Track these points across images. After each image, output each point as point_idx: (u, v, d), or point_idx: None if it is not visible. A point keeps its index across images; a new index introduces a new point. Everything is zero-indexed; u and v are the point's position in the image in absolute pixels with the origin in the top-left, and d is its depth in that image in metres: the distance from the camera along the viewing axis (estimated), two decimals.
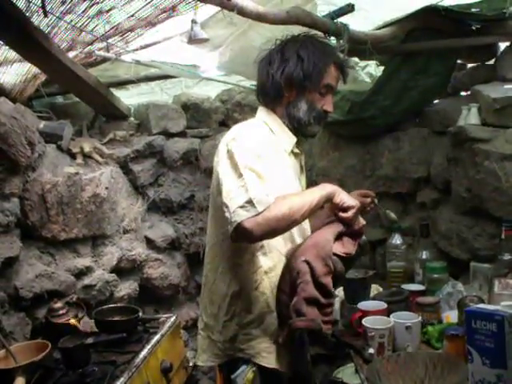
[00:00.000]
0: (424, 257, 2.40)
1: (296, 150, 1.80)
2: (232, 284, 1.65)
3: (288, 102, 1.73)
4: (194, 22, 1.97)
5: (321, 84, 1.70)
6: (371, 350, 1.72)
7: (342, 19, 2.28)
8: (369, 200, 1.98)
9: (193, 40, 1.95)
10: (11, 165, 2.13)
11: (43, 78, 2.61)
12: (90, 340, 1.99)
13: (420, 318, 1.83)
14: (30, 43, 2.16)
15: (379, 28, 2.54)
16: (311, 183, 3.14)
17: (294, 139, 1.77)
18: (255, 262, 1.63)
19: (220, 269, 1.69)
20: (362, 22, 2.46)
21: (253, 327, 1.63)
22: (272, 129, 1.74)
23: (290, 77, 1.68)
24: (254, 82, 2.07)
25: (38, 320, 2.22)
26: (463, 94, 2.78)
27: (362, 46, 2.39)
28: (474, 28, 2.55)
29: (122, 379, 1.79)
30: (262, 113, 1.79)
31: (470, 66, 2.82)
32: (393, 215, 2.17)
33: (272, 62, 1.72)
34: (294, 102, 1.72)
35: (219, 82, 3.24)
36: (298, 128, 1.75)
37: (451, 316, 1.92)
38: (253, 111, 1.86)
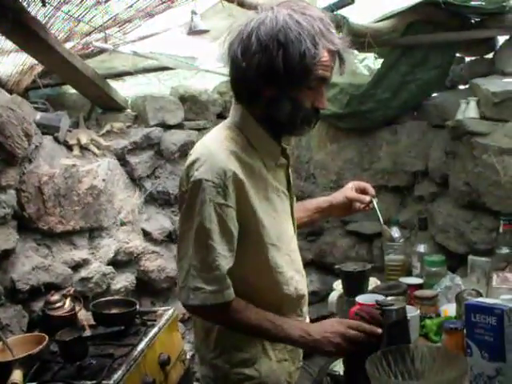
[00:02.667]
0: (422, 250, 2.39)
1: (281, 162, 1.48)
2: None
3: (267, 101, 1.35)
4: (193, 12, 1.94)
5: (310, 77, 1.31)
6: None
7: (342, 11, 2.27)
8: (367, 199, 1.76)
9: (193, 31, 1.92)
10: (8, 156, 2.11)
11: (40, 68, 2.59)
12: (87, 333, 1.98)
13: (418, 312, 1.83)
14: (27, 33, 2.14)
15: (379, 21, 2.54)
16: (309, 176, 3.18)
17: (277, 149, 1.45)
18: (239, 292, 1.38)
19: None
20: (361, 15, 2.45)
21: (245, 367, 1.44)
22: (249, 138, 1.41)
23: (269, 71, 1.28)
24: None
25: (34, 313, 2.21)
26: (462, 87, 2.78)
27: (361, 39, 2.38)
28: (473, 21, 2.55)
29: (119, 372, 1.79)
30: (236, 115, 1.44)
31: (468, 59, 2.83)
32: (388, 232, 1.99)
33: (245, 49, 1.31)
34: (275, 100, 1.34)
35: (217, 73, 3.22)
36: (281, 132, 1.44)
37: (449, 309, 1.92)
38: None
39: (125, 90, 3.09)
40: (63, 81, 2.83)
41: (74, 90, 2.89)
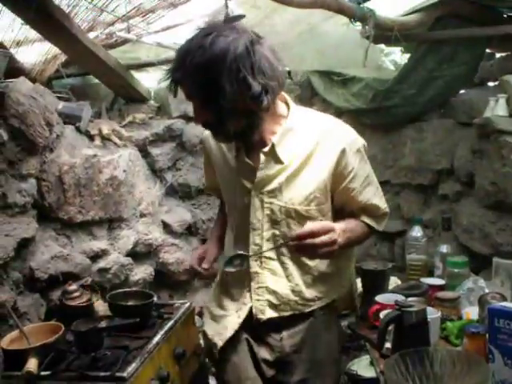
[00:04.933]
0: (445, 250, 2.34)
1: (246, 160, 1.60)
2: None
3: None
4: None
5: None
6: (388, 345, 1.68)
7: (369, 4, 2.23)
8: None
9: (230, 17, 1.86)
10: (29, 145, 2.12)
11: (63, 58, 2.59)
12: (103, 324, 1.97)
13: (439, 314, 1.79)
14: (51, 23, 2.14)
15: (406, 14, 2.49)
16: None
17: (230, 146, 1.64)
18: None
19: None
20: (388, 8, 2.40)
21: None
22: None
23: None
24: None
25: (52, 302, 2.22)
26: (491, 84, 2.71)
27: (387, 33, 2.34)
28: (505, 16, 2.48)
29: (133, 364, 1.77)
30: None
31: (498, 55, 2.75)
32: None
33: None
34: None
35: None
36: None
37: (471, 313, 1.87)
38: None
39: (148, 80, 3.08)
40: (86, 71, 2.83)
41: (97, 80, 2.89)
